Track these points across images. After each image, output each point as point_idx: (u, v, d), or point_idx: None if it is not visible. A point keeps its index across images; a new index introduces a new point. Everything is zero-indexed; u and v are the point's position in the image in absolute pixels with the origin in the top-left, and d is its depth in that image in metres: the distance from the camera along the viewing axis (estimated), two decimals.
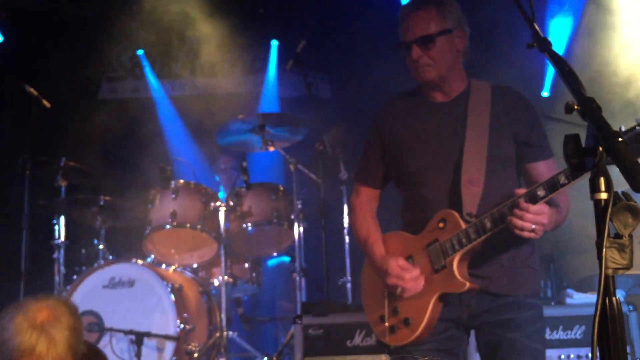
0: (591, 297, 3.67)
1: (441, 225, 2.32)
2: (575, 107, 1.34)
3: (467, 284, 2.28)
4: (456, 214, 2.30)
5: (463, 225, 2.27)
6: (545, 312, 3.55)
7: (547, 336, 3.47)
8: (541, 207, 2.15)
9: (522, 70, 5.18)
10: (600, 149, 1.26)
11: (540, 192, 2.14)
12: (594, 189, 1.27)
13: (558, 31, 5.38)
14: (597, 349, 1.23)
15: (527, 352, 2.32)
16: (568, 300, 3.66)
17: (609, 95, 4.53)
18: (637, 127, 1.94)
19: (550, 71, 5.76)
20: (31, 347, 2.13)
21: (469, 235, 2.25)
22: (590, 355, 3.40)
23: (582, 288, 3.90)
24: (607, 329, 1.24)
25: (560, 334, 3.45)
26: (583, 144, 1.33)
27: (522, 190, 2.21)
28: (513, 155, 2.38)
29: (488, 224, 2.22)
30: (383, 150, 2.53)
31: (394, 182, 2.57)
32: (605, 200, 1.27)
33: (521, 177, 2.46)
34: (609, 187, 1.27)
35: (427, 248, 2.35)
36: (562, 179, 2.10)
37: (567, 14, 5.37)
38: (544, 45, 1.57)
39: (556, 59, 1.50)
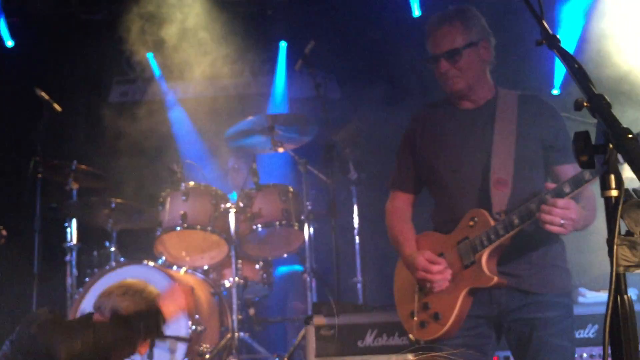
0: (604, 296, 3.65)
1: (471, 223, 2.42)
2: (585, 103, 1.33)
3: (495, 278, 2.35)
4: (486, 213, 2.39)
5: (492, 222, 2.36)
6: None
7: None
8: (568, 201, 2.22)
9: (532, 68, 5.15)
10: (611, 146, 1.26)
11: (566, 189, 2.22)
12: (605, 186, 1.27)
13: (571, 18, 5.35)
14: (609, 348, 1.22)
15: (556, 350, 2.37)
16: (580, 299, 3.63)
17: None
18: None
19: (560, 69, 5.73)
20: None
21: (498, 231, 2.33)
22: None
23: (594, 286, 3.87)
24: (619, 328, 1.23)
25: None
26: (593, 141, 1.32)
27: (551, 185, 2.29)
28: (540, 159, 2.47)
29: (516, 220, 2.30)
30: (414, 157, 2.64)
31: (427, 187, 2.68)
32: (615, 197, 1.27)
33: (549, 179, 2.52)
34: (619, 185, 1.27)
35: (458, 245, 2.44)
36: (587, 175, 2.17)
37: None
38: (553, 43, 1.56)
39: (565, 56, 1.49)
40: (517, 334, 2.43)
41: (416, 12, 5.90)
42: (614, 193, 1.26)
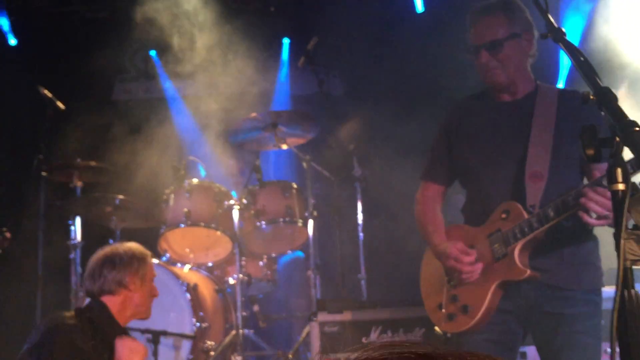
0: (609, 292, 3.62)
1: (504, 216, 2.38)
2: (591, 97, 1.32)
3: (528, 271, 2.31)
4: (519, 206, 2.34)
5: (526, 215, 2.31)
6: None
7: None
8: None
9: (537, 61, 5.12)
10: (617, 139, 1.24)
11: (605, 182, 2.13)
12: (611, 180, 1.26)
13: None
14: (617, 343, 1.21)
15: (581, 346, 2.35)
16: None
17: None
18: None
19: (565, 63, 5.71)
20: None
21: (532, 224, 2.28)
22: (609, 349, 3.36)
23: None
24: (627, 322, 1.22)
25: None
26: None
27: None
28: (577, 156, 2.41)
29: (551, 213, 2.24)
30: (450, 148, 2.61)
31: (459, 180, 2.65)
32: (622, 191, 1.25)
33: (584, 178, 2.48)
34: (626, 178, 1.25)
35: (489, 237, 2.40)
36: (629, 168, 2.10)
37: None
38: (559, 36, 1.55)
39: (571, 49, 1.48)
40: (543, 327, 2.40)
41: (419, 7, 5.88)
42: (621, 187, 1.25)
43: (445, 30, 2.72)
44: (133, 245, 2.88)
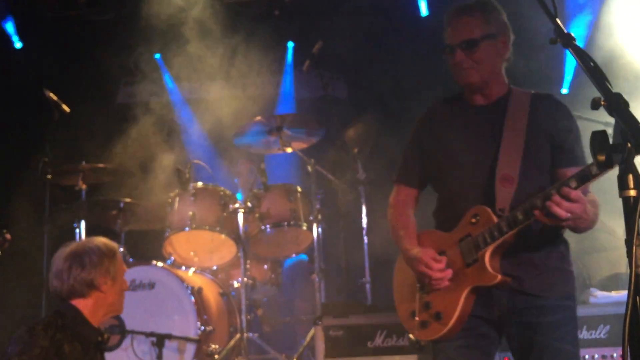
0: (616, 297, 3.62)
1: (474, 220, 2.36)
2: (602, 102, 1.31)
3: (499, 277, 2.29)
4: (489, 210, 2.32)
5: (495, 219, 2.30)
6: None
7: None
8: (580, 195, 2.13)
9: (540, 67, 5.12)
10: (629, 145, 1.24)
11: (572, 184, 2.13)
12: (623, 186, 1.25)
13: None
14: (628, 349, 1.20)
15: (559, 354, 2.31)
16: (592, 300, 3.60)
17: None
18: None
19: (569, 68, 5.70)
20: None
21: (501, 228, 2.27)
22: (615, 355, 3.35)
23: (606, 287, 3.84)
24: (638, 329, 1.21)
25: (584, 334, 3.40)
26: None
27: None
28: (548, 160, 2.40)
29: (520, 216, 2.22)
30: (422, 151, 2.59)
31: (431, 183, 2.63)
32: (634, 197, 1.25)
33: (553, 182, 2.43)
34: (638, 184, 1.24)
35: (460, 243, 2.38)
36: (594, 170, 2.07)
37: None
38: (567, 41, 1.55)
39: (580, 54, 1.48)
40: (519, 338, 2.37)
41: (424, 11, 5.89)
42: (633, 193, 1.24)
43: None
44: (101, 242, 2.72)
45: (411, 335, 2.51)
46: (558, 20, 1.64)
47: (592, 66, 1.43)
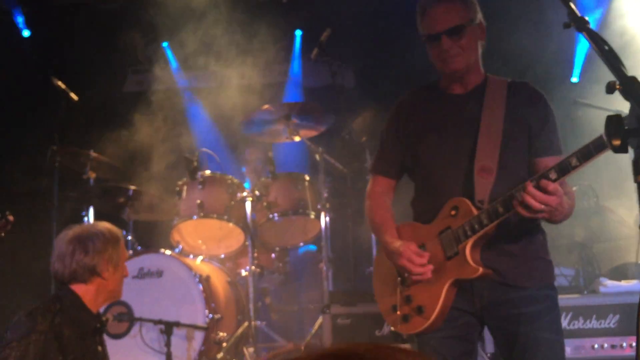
0: (625, 286, 3.60)
1: (453, 212, 2.32)
2: (617, 86, 1.29)
3: (480, 269, 2.27)
4: (468, 201, 2.30)
5: (475, 211, 2.27)
6: (577, 301, 3.52)
7: (580, 325, 3.42)
8: (557, 187, 2.10)
9: (550, 55, 5.08)
10: None
11: (552, 175, 2.10)
12: (638, 170, 1.23)
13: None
14: None
15: (544, 344, 2.30)
16: (602, 289, 3.59)
17: None
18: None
19: (580, 57, 5.65)
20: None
21: (482, 220, 2.24)
22: (624, 344, 3.34)
23: (615, 276, 3.82)
24: None
25: (593, 323, 3.39)
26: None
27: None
28: (526, 149, 2.37)
29: (500, 209, 2.20)
30: (399, 141, 2.55)
31: (408, 173, 2.59)
32: None
33: (530, 171, 2.41)
34: None
35: (440, 235, 2.35)
36: (574, 162, 2.05)
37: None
38: (582, 25, 1.52)
39: (595, 38, 1.45)
40: (503, 331, 2.36)
41: None
42: None
43: None
44: (105, 227, 2.69)
45: (392, 328, 2.49)
46: (572, 4, 1.61)
47: (606, 50, 1.41)
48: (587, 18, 1.56)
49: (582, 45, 5.53)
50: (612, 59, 1.38)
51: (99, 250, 2.61)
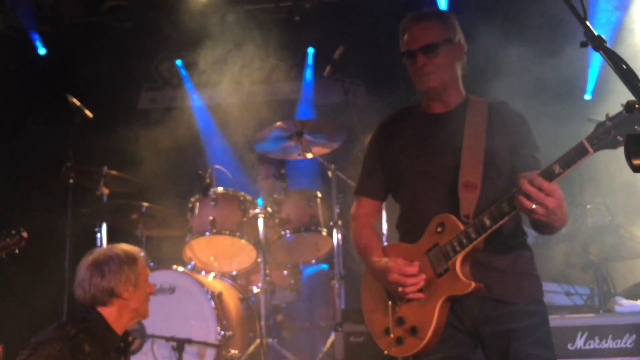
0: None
1: (439, 229, 2.32)
2: (637, 105, 1.29)
3: (473, 284, 2.26)
4: (454, 217, 2.30)
5: (462, 226, 2.27)
6: (593, 320, 3.48)
7: (596, 345, 3.37)
8: (553, 187, 2.09)
9: (564, 73, 5.08)
10: None
11: (557, 169, 2.09)
12: None
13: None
14: None
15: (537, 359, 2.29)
16: (617, 309, 3.55)
17: None
18: (624, 112, 1.81)
19: (593, 74, 5.64)
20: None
21: (469, 235, 2.24)
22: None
23: (631, 295, 3.78)
24: None
25: (610, 343, 3.35)
26: None
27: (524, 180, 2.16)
28: (508, 165, 2.39)
29: (487, 222, 2.21)
30: (382, 162, 2.57)
31: (392, 194, 2.60)
32: None
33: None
34: None
35: (428, 253, 2.34)
36: (557, 169, 2.06)
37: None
38: (599, 43, 1.52)
39: (612, 57, 1.45)
40: (494, 348, 2.33)
41: None
42: None
43: (471, 38, 2.69)
44: (121, 249, 2.75)
45: (386, 352, 2.43)
46: (588, 23, 1.61)
47: (624, 68, 1.40)
48: (603, 37, 1.56)
49: (595, 62, 5.52)
50: (631, 78, 1.37)
51: (114, 272, 2.66)
